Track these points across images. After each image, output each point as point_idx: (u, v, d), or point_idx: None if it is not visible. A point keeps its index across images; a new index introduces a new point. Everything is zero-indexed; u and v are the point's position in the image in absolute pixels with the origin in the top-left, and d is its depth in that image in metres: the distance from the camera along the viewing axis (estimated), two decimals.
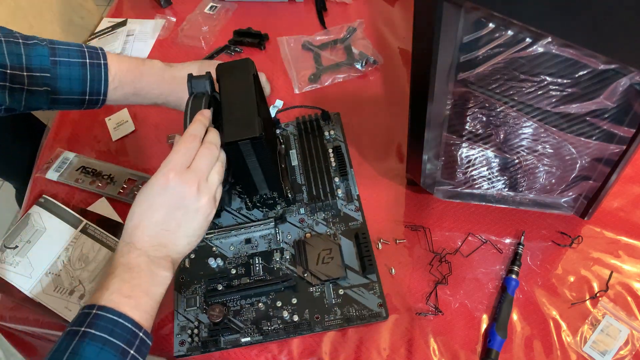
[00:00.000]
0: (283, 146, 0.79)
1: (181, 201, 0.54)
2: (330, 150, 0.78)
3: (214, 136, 0.58)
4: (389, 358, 0.62)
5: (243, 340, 0.64)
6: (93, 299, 0.50)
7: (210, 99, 0.62)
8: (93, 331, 0.47)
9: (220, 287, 0.67)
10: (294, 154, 0.79)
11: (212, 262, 0.70)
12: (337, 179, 0.75)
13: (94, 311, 0.48)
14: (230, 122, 0.61)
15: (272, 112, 0.83)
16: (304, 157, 0.78)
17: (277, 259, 0.69)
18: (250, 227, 0.71)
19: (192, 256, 0.71)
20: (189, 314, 0.66)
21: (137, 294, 0.51)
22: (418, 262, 0.68)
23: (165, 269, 0.53)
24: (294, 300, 0.65)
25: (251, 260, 0.69)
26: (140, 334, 0.50)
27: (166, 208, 0.54)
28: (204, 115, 0.59)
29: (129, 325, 0.49)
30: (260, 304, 0.66)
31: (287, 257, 0.69)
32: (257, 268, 0.69)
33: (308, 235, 0.70)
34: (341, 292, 0.65)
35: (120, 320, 0.48)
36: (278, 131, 0.80)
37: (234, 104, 0.63)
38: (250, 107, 0.62)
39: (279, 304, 0.65)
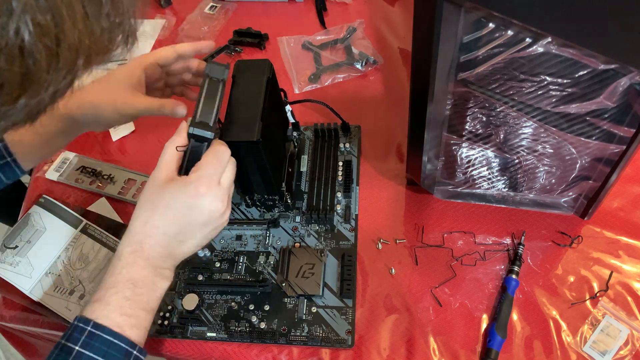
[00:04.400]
0: (296, 149, 0.78)
1: (206, 217, 0.52)
2: (341, 164, 0.76)
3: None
4: (389, 358, 0.62)
5: (209, 334, 0.64)
6: (90, 311, 0.49)
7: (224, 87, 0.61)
8: (87, 352, 0.47)
9: (201, 278, 0.68)
10: (305, 159, 0.78)
11: (200, 252, 0.70)
12: (339, 194, 0.73)
13: (90, 328, 0.47)
14: (231, 121, 0.61)
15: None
16: (314, 165, 0.76)
17: (262, 262, 0.69)
18: (243, 225, 0.71)
19: None
20: (166, 296, 0.66)
21: (138, 312, 0.50)
22: (418, 262, 0.68)
23: (167, 279, 0.53)
24: (267, 307, 0.65)
25: (237, 258, 0.70)
26: (135, 352, 0.49)
27: (188, 221, 0.52)
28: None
29: (124, 346, 0.48)
30: (233, 303, 0.66)
31: (272, 262, 0.69)
32: (241, 267, 0.69)
33: (297, 245, 0.69)
34: (314, 309, 0.64)
35: (115, 341, 0.48)
36: (296, 134, 0.78)
37: (240, 103, 0.62)
38: (255, 110, 0.61)
39: (251, 307, 0.65)
